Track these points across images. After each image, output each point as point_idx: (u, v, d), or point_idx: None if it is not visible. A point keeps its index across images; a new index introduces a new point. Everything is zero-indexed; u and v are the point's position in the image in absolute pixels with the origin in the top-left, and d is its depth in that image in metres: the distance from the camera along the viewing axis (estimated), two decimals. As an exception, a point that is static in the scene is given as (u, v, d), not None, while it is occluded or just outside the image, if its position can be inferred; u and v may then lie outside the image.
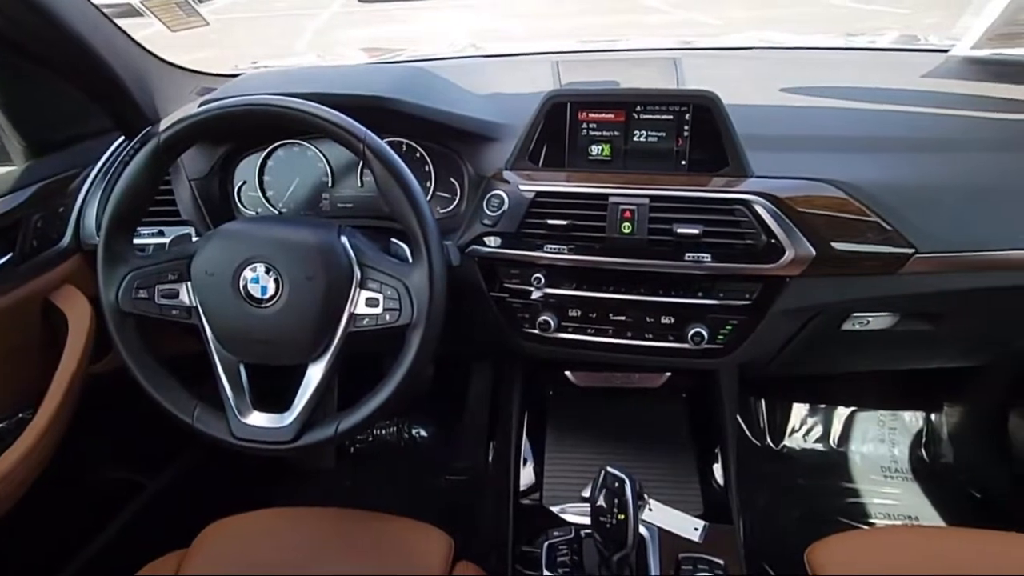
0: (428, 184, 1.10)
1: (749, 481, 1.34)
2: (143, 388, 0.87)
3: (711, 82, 0.98)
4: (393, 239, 1.03)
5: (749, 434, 1.71)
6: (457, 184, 1.09)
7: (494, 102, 1.14)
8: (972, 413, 1.60)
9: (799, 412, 1.72)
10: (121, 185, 0.85)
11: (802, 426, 1.72)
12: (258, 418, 0.86)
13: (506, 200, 0.99)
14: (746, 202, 0.93)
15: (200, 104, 0.89)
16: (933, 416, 1.67)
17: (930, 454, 1.66)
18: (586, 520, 0.81)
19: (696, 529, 0.95)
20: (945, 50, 1.25)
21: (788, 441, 1.71)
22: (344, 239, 0.86)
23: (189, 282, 0.87)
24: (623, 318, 1.03)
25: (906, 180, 0.95)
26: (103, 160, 1.18)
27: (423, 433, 1.79)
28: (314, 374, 0.85)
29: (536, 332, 1.05)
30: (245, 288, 0.84)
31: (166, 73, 1.28)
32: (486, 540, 1.22)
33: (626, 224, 0.95)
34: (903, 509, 1.56)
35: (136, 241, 0.94)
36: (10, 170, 1.07)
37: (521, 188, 0.99)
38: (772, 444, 1.71)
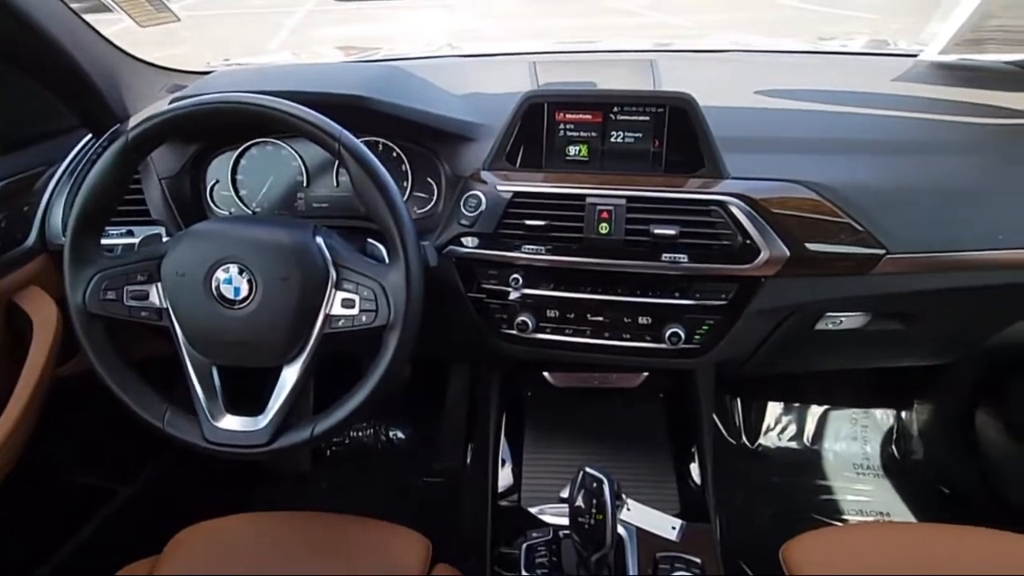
0: (405, 184, 1.09)
1: (725, 480, 1.35)
2: (112, 391, 0.85)
3: (687, 84, 0.99)
4: (369, 239, 1.02)
5: (725, 433, 1.73)
6: (434, 184, 1.09)
7: (471, 102, 1.14)
8: (941, 411, 1.64)
9: (774, 411, 1.75)
10: (88, 184, 0.83)
11: (777, 425, 1.74)
12: (231, 421, 0.85)
13: (483, 200, 0.99)
14: (722, 203, 0.93)
15: (170, 101, 0.87)
16: (904, 414, 1.71)
17: (901, 451, 1.69)
18: (564, 521, 0.81)
19: (674, 528, 0.95)
20: (914, 55, 1.28)
21: (763, 440, 1.74)
22: (319, 239, 0.85)
23: (159, 283, 0.85)
24: (601, 318, 1.04)
25: (877, 182, 0.96)
26: (70, 158, 1.15)
27: (400, 435, 1.77)
28: (289, 376, 0.84)
29: (514, 333, 1.05)
30: (217, 289, 0.82)
31: (135, 70, 1.25)
32: (464, 542, 1.21)
33: (603, 225, 0.95)
34: (875, 505, 1.59)
35: (104, 241, 0.92)
36: (-28, 168, 1.04)
37: (498, 188, 0.99)
38: (748, 443, 1.73)
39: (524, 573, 0.87)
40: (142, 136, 0.82)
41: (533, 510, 1.11)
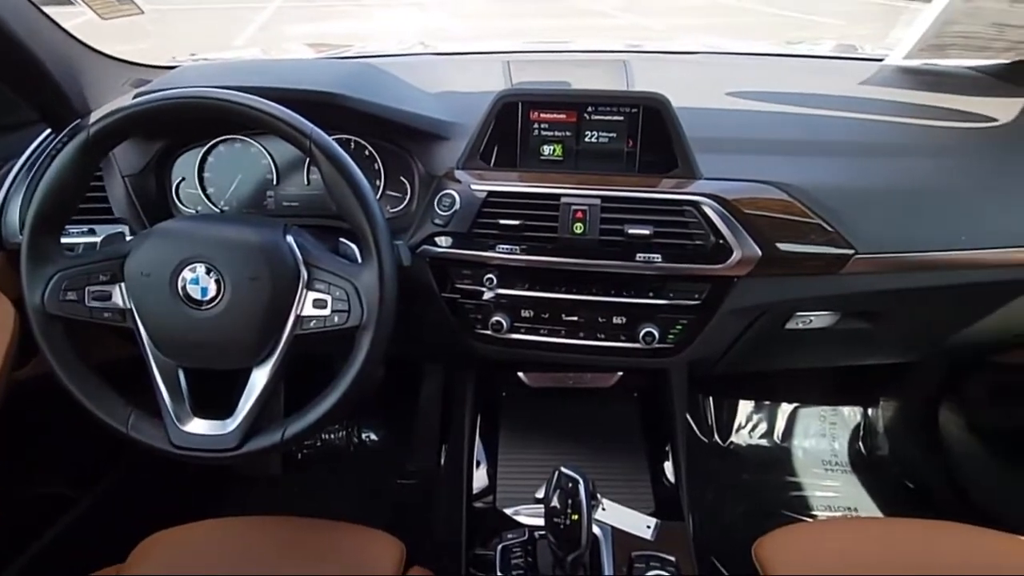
0: (378, 183, 1.07)
1: (698, 478, 1.37)
2: (72, 395, 0.82)
3: (660, 84, 0.99)
4: (342, 239, 1.01)
5: (698, 432, 1.74)
6: (407, 183, 1.08)
7: (445, 100, 1.13)
8: (906, 408, 1.68)
9: (745, 409, 1.77)
10: (47, 180, 0.80)
11: (748, 423, 1.77)
12: (198, 425, 0.83)
13: (457, 200, 0.98)
14: (695, 203, 0.94)
15: (134, 96, 0.84)
16: (870, 411, 1.75)
17: (867, 447, 1.73)
18: (540, 521, 0.80)
19: (648, 527, 0.96)
20: (880, 59, 1.30)
21: (735, 438, 1.76)
22: (290, 238, 0.83)
23: (123, 283, 0.82)
24: (575, 318, 1.04)
25: (846, 183, 0.98)
26: (27, 154, 1.11)
27: (373, 437, 1.75)
28: (259, 378, 0.82)
29: (489, 333, 1.05)
30: (184, 289, 0.80)
31: (97, 63, 1.21)
32: (439, 544, 1.21)
33: (578, 224, 0.95)
34: (843, 501, 1.62)
35: (64, 240, 0.89)
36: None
37: (473, 188, 0.98)
38: (719, 441, 1.75)
39: (499, 574, 0.86)
40: (103, 131, 0.80)
41: (508, 511, 1.11)
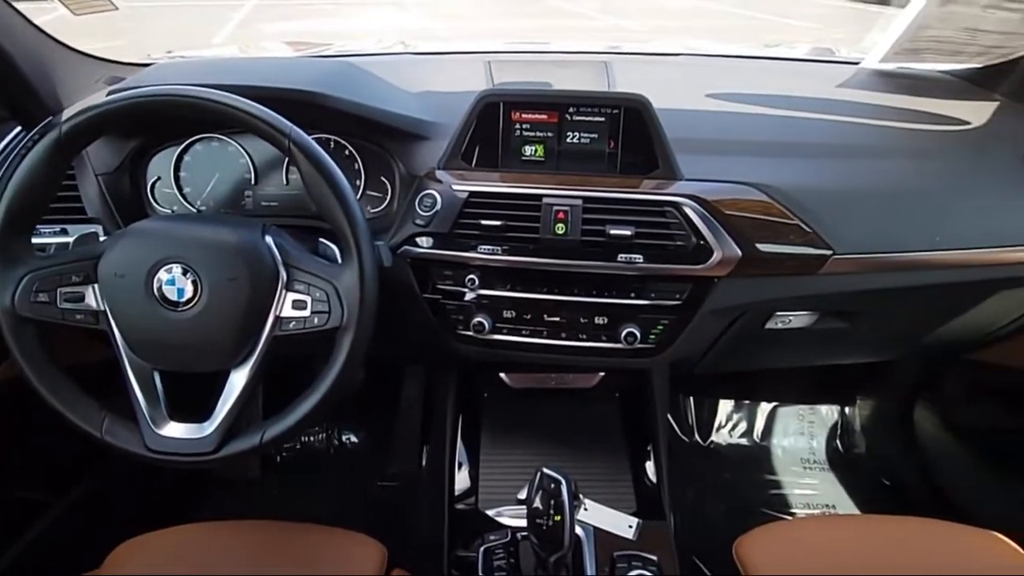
0: (358, 183, 1.07)
1: (679, 477, 1.37)
2: (44, 399, 0.80)
3: (641, 86, 0.99)
4: (321, 239, 1.00)
5: (678, 431, 1.75)
6: (388, 183, 1.07)
7: (426, 100, 1.12)
8: (882, 406, 1.70)
9: (725, 408, 1.79)
10: (17, 179, 0.78)
11: (728, 422, 1.78)
12: (175, 429, 0.81)
13: (439, 200, 0.97)
14: (676, 204, 0.95)
15: (108, 93, 0.83)
16: (847, 410, 1.77)
17: (844, 445, 1.75)
18: (522, 523, 0.80)
19: (630, 527, 0.96)
20: (856, 62, 1.32)
21: (715, 437, 1.77)
22: (268, 238, 0.82)
23: (96, 284, 0.81)
24: (557, 319, 1.03)
25: (824, 184, 0.99)
26: (-3, 151, 1.08)
27: (354, 439, 1.74)
28: (237, 381, 0.81)
29: (470, 334, 1.04)
30: (160, 290, 0.78)
31: (70, 60, 1.19)
32: (421, 547, 1.20)
33: (560, 225, 0.95)
34: (821, 498, 1.64)
35: (36, 240, 0.87)
36: None
37: (454, 188, 0.98)
38: (700, 440, 1.77)
39: (481, 576, 0.86)
40: (76, 129, 0.78)
41: (490, 512, 1.11)
